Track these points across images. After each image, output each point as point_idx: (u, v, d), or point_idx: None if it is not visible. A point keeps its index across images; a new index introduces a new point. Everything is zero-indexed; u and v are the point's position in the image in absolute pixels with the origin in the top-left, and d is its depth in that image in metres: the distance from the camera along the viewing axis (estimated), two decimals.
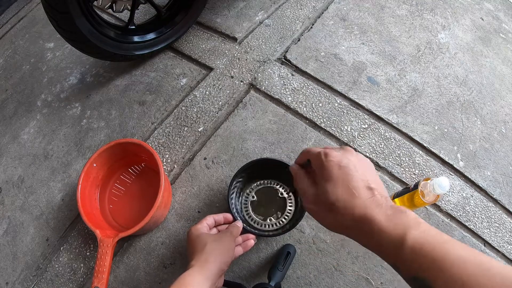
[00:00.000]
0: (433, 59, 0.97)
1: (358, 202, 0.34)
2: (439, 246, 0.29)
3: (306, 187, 0.40)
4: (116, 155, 0.74)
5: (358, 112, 0.86)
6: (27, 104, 0.96)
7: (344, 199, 0.34)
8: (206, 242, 0.52)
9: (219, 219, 0.62)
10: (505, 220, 0.76)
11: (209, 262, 0.49)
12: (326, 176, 0.37)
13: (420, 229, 0.31)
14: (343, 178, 0.35)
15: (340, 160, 0.37)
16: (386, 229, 0.32)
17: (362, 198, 0.34)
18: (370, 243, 0.34)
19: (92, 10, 0.76)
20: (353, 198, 0.34)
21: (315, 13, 1.04)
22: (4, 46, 1.11)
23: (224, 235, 0.55)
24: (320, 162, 0.38)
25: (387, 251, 0.32)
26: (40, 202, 0.80)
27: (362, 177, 0.36)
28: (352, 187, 0.35)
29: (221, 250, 0.52)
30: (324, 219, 0.37)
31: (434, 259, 0.29)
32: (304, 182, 0.41)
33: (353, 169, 0.36)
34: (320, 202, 0.37)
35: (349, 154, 0.38)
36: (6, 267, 0.74)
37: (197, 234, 0.55)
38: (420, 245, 0.30)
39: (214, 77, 0.92)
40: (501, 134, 0.87)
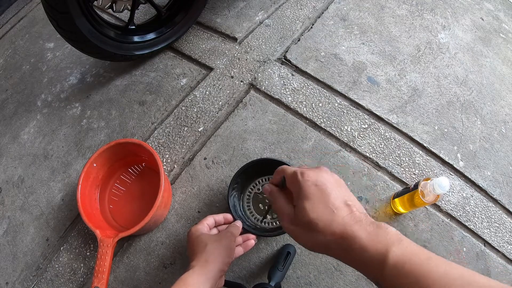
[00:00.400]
0: (433, 59, 0.97)
1: (337, 219, 0.34)
2: (421, 263, 0.29)
3: (283, 207, 0.40)
4: (116, 155, 0.74)
5: (358, 112, 0.86)
6: (27, 104, 0.96)
7: (322, 217, 0.34)
8: (206, 242, 0.52)
9: (219, 219, 0.62)
10: (505, 220, 0.76)
11: (209, 263, 0.49)
12: (303, 195, 0.36)
13: (402, 246, 0.31)
14: (320, 196, 0.35)
15: (316, 179, 0.37)
16: (368, 246, 0.31)
17: (341, 215, 0.34)
18: (351, 260, 0.33)
19: (92, 10, 0.76)
20: (332, 215, 0.34)
21: (315, 13, 1.04)
22: (4, 46, 1.11)
23: (224, 235, 0.55)
24: (297, 182, 0.38)
25: (369, 268, 0.32)
26: (40, 202, 0.80)
27: (339, 194, 0.36)
28: (330, 204, 0.35)
29: (221, 251, 0.52)
30: (303, 239, 0.37)
31: (417, 276, 0.28)
32: (281, 201, 0.41)
33: (329, 187, 0.36)
34: (298, 221, 0.37)
35: (324, 173, 0.39)
36: (6, 267, 0.74)
37: (197, 234, 0.55)
38: (402, 262, 0.30)
39: (214, 77, 0.92)
40: (501, 134, 0.87)
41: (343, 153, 0.80)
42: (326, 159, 0.80)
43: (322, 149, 0.81)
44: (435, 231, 0.73)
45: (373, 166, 0.79)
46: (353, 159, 0.80)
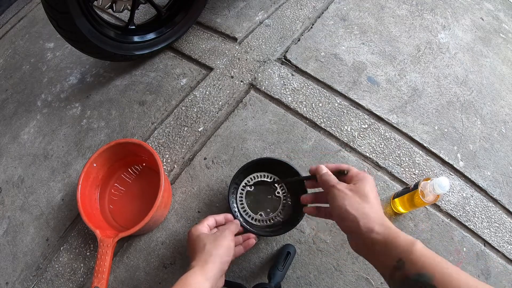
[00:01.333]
0: (433, 59, 0.97)
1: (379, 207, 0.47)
2: (437, 257, 0.38)
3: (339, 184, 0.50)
4: (116, 155, 0.74)
5: (358, 112, 0.86)
6: (27, 104, 0.96)
7: (371, 196, 0.47)
8: (205, 242, 0.53)
9: (220, 219, 0.62)
10: (505, 220, 0.76)
11: (209, 263, 0.49)
12: (365, 181, 0.49)
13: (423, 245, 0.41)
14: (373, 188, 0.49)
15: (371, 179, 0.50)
16: (400, 233, 0.42)
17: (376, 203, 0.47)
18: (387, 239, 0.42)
19: (92, 10, 0.76)
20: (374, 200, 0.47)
21: (315, 13, 1.04)
22: (4, 46, 1.11)
23: (222, 234, 0.55)
24: (362, 175, 0.50)
25: (398, 249, 0.40)
26: (40, 202, 0.80)
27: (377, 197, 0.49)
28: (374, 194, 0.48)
29: (220, 250, 0.52)
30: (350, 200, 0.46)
31: (438, 261, 0.38)
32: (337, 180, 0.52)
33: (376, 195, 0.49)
34: (356, 191, 0.47)
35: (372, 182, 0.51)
36: (6, 267, 0.74)
37: (196, 234, 0.55)
38: (426, 249, 0.39)
39: (214, 77, 0.92)
40: (501, 134, 0.87)
41: (343, 153, 0.80)
42: (326, 159, 0.80)
43: (322, 149, 0.81)
44: (435, 231, 0.73)
45: (373, 166, 0.79)
46: (353, 159, 0.80)
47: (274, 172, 0.73)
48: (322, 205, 0.58)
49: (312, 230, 0.72)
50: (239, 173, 0.70)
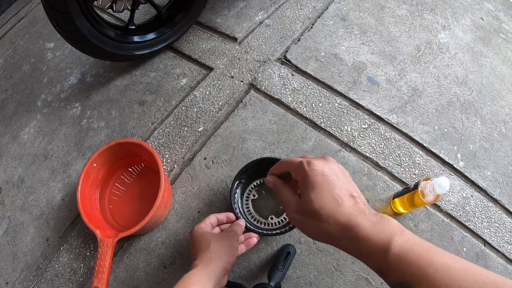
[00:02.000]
0: (433, 59, 0.97)
1: (342, 209, 0.34)
2: (424, 253, 0.30)
3: (288, 197, 0.40)
4: (116, 155, 0.74)
5: (358, 112, 0.86)
6: (27, 104, 0.96)
7: (328, 206, 0.35)
8: (210, 241, 0.52)
9: (222, 218, 0.62)
10: (505, 220, 0.76)
11: (213, 261, 0.49)
12: (310, 185, 0.36)
13: (404, 237, 0.32)
14: (326, 186, 0.36)
15: (322, 169, 0.37)
16: (372, 236, 0.32)
17: (346, 205, 0.35)
18: (354, 250, 0.34)
19: (92, 10, 0.76)
20: (338, 205, 0.34)
21: (315, 13, 1.04)
22: (4, 46, 1.11)
23: (228, 234, 0.55)
24: (303, 171, 0.38)
25: (373, 257, 0.32)
26: (40, 202, 0.80)
27: (345, 185, 0.37)
28: (335, 195, 0.35)
29: (225, 250, 0.52)
30: (308, 228, 0.37)
31: (419, 265, 0.29)
32: (285, 192, 0.41)
33: (335, 178, 0.37)
34: (304, 210, 0.37)
35: (331, 162, 0.39)
36: (6, 267, 0.74)
37: (200, 233, 0.55)
38: (405, 251, 0.31)
39: (214, 77, 0.92)
40: (501, 134, 0.87)
41: (343, 153, 0.80)
42: None
43: (322, 149, 0.81)
44: (435, 231, 0.73)
45: (373, 166, 0.79)
46: (353, 159, 0.80)
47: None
48: None
49: None
50: (241, 173, 0.70)
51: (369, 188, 0.77)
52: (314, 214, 0.35)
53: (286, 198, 0.41)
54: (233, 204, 0.68)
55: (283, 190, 0.42)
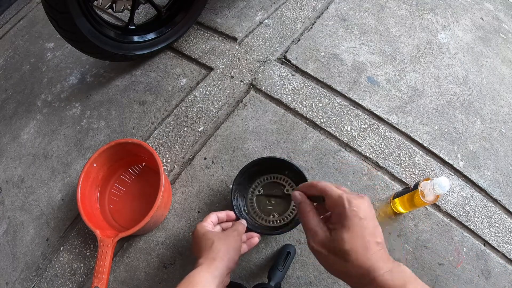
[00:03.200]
0: (433, 59, 0.97)
1: (368, 255, 0.36)
2: None
3: (315, 225, 0.40)
4: (116, 155, 0.74)
5: (358, 112, 0.86)
6: (27, 104, 0.96)
7: (357, 250, 0.36)
8: (213, 240, 0.52)
9: (222, 216, 0.62)
10: (505, 220, 0.76)
11: (217, 260, 0.49)
12: (346, 225, 0.37)
13: (417, 284, 0.35)
14: (360, 231, 0.37)
15: (360, 212, 0.38)
16: (388, 282, 0.34)
17: (372, 251, 0.36)
18: None
19: (92, 10, 0.76)
20: (365, 251, 0.36)
21: (315, 13, 1.04)
22: (4, 46, 1.11)
23: (231, 233, 0.55)
24: (342, 208, 0.38)
25: None
26: (40, 202, 0.80)
27: (374, 231, 0.38)
28: (366, 240, 0.37)
29: (229, 249, 0.52)
30: (329, 263, 0.39)
31: None
32: (312, 218, 0.41)
33: (370, 223, 0.38)
34: (332, 247, 0.38)
35: (367, 204, 0.39)
36: (6, 267, 0.74)
37: (203, 232, 0.55)
38: None
39: (214, 77, 0.92)
40: (501, 134, 0.87)
41: (343, 153, 0.80)
42: (326, 159, 0.80)
43: (322, 149, 0.81)
44: (435, 231, 0.73)
45: (373, 166, 0.79)
46: (353, 159, 0.80)
47: (278, 171, 0.73)
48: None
49: None
50: (242, 172, 0.70)
51: (369, 188, 0.77)
52: (342, 253, 0.36)
53: (312, 225, 0.41)
54: (234, 204, 0.68)
55: (310, 215, 0.42)
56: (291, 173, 0.72)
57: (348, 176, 0.78)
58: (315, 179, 0.77)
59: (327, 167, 0.79)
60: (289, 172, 0.72)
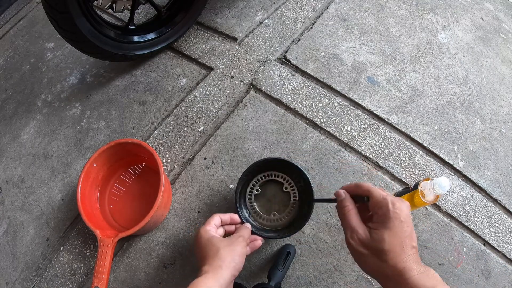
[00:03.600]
0: (433, 59, 0.97)
1: (403, 256, 0.38)
2: None
3: (357, 224, 0.42)
4: (116, 155, 0.74)
5: (358, 112, 0.86)
6: (27, 104, 0.96)
7: (395, 250, 0.39)
8: (218, 247, 0.51)
9: (226, 219, 0.61)
10: (505, 220, 0.76)
11: (223, 269, 0.49)
12: (388, 225, 0.40)
13: (445, 287, 0.37)
14: (400, 232, 0.39)
15: (402, 214, 0.40)
16: (419, 282, 0.37)
17: (407, 253, 0.39)
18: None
19: (92, 10, 0.76)
20: (402, 252, 0.39)
21: (315, 13, 1.04)
22: (4, 46, 1.11)
23: (236, 240, 0.54)
24: (386, 209, 0.41)
25: None
26: (40, 202, 0.80)
27: (411, 234, 0.40)
28: (404, 242, 0.39)
29: (234, 256, 0.51)
30: (366, 262, 0.41)
31: None
32: (354, 216, 0.43)
33: (408, 226, 0.40)
34: (371, 246, 0.40)
35: (407, 209, 0.42)
36: (6, 267, 0.74)
37: (207, 237, 0.54)
38: None
39: (214, 77, 0.92)
40: (501, 134, 0.87)
41: (343, 153, 0.80)
42: (326, 159, 0.80)
43: (322, 149, 0.81)
44: (435, 231, 0.73)
45: (373, 166, 0.79)
46: (353, 159, 0.80)
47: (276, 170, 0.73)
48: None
49: (312, 230, 0.72)
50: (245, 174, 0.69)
51: None
52: (380, 253, 0.39)
53: (354, 224, 0.43)
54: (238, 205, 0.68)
55: (352, 213, 0.44)
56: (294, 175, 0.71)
57: (348, 176, 0.78)
58: (315, 179, 0.77)
59: (327, 167, 0.79)
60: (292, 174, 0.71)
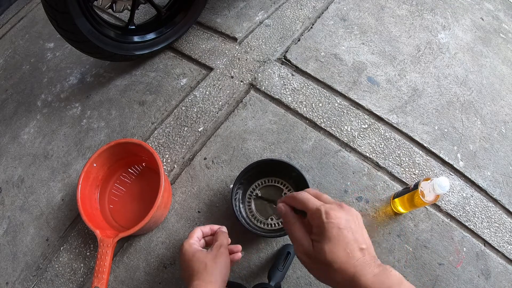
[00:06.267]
0: (433, 59, 0.97)
1: (351, 262, 0.37)
2: None
3: (301, 238, 0.41)
4: (116, 155, 0.74)
5: (358, 112, 0.86)
6: (27, 104, 0.96)
7: (340, 260, 0.37)
8: (205, 262, 0.53)
9: (206, 230, 0.62)
10: (505, 220, 0.76)
11: (213, 283, 0.50)
12: (326, 236, 0.38)
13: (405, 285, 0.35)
14: (341, 241, 0.38)
15: (339, 222, 0.39)
16: (372, 286, 0.35)
17: (355, 258, 0.37)
18: None
19: (92, 10, 0.76)
20: (348, 258, 0.37)
21: (315, 13, 1.04)
22: (4, 46, 1.11)
23: (219, 251, 0.55)
24: (321, 221, 0.39)
25: None
26: (40, 202, 0.80)
27: (356, 238, 0.39)
28: (348, 248, 0.38)
29: (222, 269, 0.53)
30: (316, 272, 0.40)
31: None
32: (297, 229, 0.42)
33: (349, 232, 0.39)
34: (316, 258, 0.39)
35: (347, 214, 0.40)
36: (6, 267, 0.74)
37: (192, 252, 0.55)
38: None
39: (214, 77, 0.92)
40: (501, 134, 0.87)
41: (343, 153, 0.80)
42: (326, 159, 0.80)
43: (322, 149, 0.81)
44: (435, 231, 0.73)
45: (373, 166, 0.79)
46: (353, 159, 0.80)
47: (278, 173, 0.73)
48: None
49: None
50: (242, 174, 0.70)
51: (369, 188, 0.77)
52: (325, 264, 0.38)
53: (297, 236, 0.42)
54: (235, 206, 0.68)
55: (295, 226, 0.43)
56: (294, 176, 0.71)
57: (348, 176, 0.78)
58: (315, 179, 0.77)
59: (327, 167, 0.79)
60: (291, 176, 0.72)
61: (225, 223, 0.73)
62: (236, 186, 0.70)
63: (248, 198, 0.73)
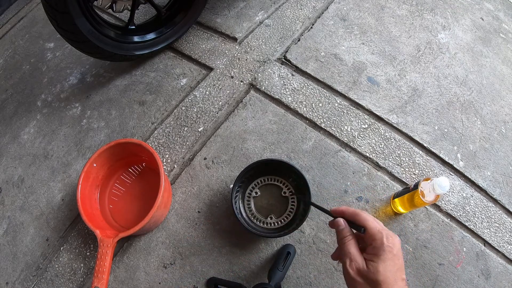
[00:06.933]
0: (433, 59, 0.97)
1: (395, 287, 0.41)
2: None
3: (356, 255, 0.44)
4: (116, 155, 0.74)
5: (358, 112, 0.86)
6: (27, 104, 0.96)
7: (388, 282, 0.41)
8: None
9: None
10: (505, 220, 0.76)
11: None
12: (383, 258, 0.42)
13: None
14: (393, 265, 0.42)
15: (395, 248, 0.43)
16: None
17: (398, 285, 0.41)
18: None
19: (92, 10, 0.76)
20: (394, 284, 0.41)
21: (315, 13, 1.04)
22: (4, 46, 1.11)
23: None
24: (381, 242, 0.43)
25: None
26: (40, 202, 0.80)
27: (401, 267, 0.43)
28: (396, 274, 0.42)
29: None
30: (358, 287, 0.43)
31: None
32: (353, 246, 0.45)
33: (399, 259, 0.43)
34: (367, 276, 0.42)
35: (399, 243, 0.44)
36: (6, 267, 0.74)
37: None
38: None
39: (214, 77, 0.92)
40: (501, 134, 0.87)
41: (343, 153, 0.80)
42: (326, 159, 0.80)
43: (322, 149, 0.81)
44: (435, 231, 0.73)
45: (373, 166, 0.79)
46: (353, 159, 0.80)
47: (276, 173, 0.73)
48: None
49: (312, 230, 0.72)
50: (242, 174, 0.70)
51: (369, 188, 0.77)
52: (375, 283, 0.41)
53: (352, 252, 0.44)
54: (235, 206, 0.68)
55: (352, 243, 0.45)
56: (294, 177, 0.72)
57: (348, 176, 0.78)
58: (315, 179, 0.77)
59: (327, 167, 0.79)
60: (291, 176, 0.72)
61: (225, 223, 0.73)
62: (236, 186, 0.70)
63: (248, 198, 0.73)
